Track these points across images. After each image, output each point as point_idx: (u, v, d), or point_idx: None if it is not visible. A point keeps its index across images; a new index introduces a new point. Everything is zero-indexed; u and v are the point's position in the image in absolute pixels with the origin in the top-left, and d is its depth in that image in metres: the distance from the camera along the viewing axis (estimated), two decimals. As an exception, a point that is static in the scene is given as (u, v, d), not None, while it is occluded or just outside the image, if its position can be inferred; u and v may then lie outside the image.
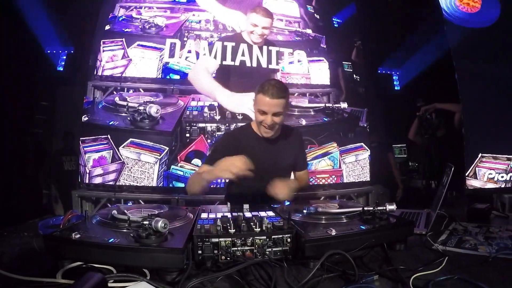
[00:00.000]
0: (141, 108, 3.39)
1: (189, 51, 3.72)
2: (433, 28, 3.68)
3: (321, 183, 3.90)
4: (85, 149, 3.46)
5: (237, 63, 3.64)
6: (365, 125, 4.03)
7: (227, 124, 3.55)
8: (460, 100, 3.39)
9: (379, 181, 4.12)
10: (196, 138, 3.51)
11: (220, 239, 1.17)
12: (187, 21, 3.84)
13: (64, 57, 3.83)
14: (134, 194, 3.45)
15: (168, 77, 3.70)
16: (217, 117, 3.54)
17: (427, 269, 1.12)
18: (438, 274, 1.09)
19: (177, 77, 3.70)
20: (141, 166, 3.46)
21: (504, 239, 1.47)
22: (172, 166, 3.52)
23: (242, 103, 3.50)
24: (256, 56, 3.67)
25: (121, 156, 3.46)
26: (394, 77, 4.62)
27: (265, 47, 3.70)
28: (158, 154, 3.47)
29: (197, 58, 3.70)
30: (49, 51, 3.74)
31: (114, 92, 3.62)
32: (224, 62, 3.65)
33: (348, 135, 3.95)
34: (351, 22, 4.23)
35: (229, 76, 3.65)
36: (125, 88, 3.64)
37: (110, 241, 1.15)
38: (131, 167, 3.46)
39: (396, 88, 4.61)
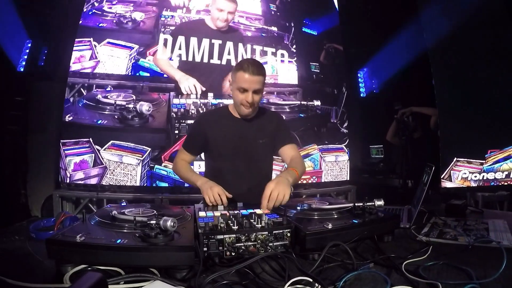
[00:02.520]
0: (130, 106, 3.42)
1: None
2: (412, 33, 3.94)
3: (302, 182, 4.08)
4: (66, 152, 3.42)
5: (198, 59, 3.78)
6: (335, 121, 4.32)
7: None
8: (437, 104, 3.65)
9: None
10: (183, 134, 3.56)
11: (225, 236, 1.27)
12: (161, 16, 3.87)
13: (46, 52, 3.77)
14: (116, 194, 3.45)
15: (137, 74, 3.72)
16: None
17: (415, 256, 1.28)
18: (425, 261, 1.24)
19: (147, 74, 3.74)
20: (124, 168, 3.48)
21: (481, 231, 1.66)
22: (156, 166, 3.57)
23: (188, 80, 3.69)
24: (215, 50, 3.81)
25: (103, 159, 3.46)
26: (372, 80, 4.87)
27: (230, 43, 3.83)
28: (140, 155, 3.50)
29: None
30: (30, 45, 3.67)
31: (82, 89, 3.60)
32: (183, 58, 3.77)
33: (321, 130, 4.24)
34: (323, 25, 4.46)
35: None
36: (94, 85, 3.62)
37: (117, 242, 1.17)
38: (113, 170, 3.47)
39: (374, 91, 4.86)
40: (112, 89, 3.63)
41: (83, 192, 3.47)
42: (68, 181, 3.45)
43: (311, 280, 1.01)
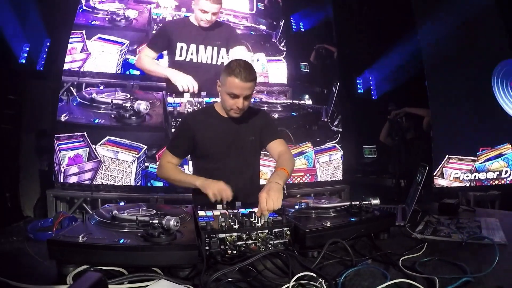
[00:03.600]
0: (128, 104, 3.45)
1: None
2: (406, 35, 4.04)
3: (296, 181, 4.14)
4: (59, 146, 3.43)
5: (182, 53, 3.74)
6: (326, 120, 4.43)
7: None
8: (429, 106, 3.75)
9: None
10: None
11: (226, 234, 1.30)
12: (152, 14, 3.89)
13: (39, 50, 3.77)
14: (111, 193, 3.47)
15: (127, 72, 3.73)
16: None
17: (411, 253, 1.34)
18: (421, 257, 1.30)
19: (137, 72, 3.75)
20: (119, 165, 3.49)
21: (473, 228, 1.73)
22: (151, 165, 3.60)
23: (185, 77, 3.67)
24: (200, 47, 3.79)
25: (98, 154, 3.47)
26: (366, 81, 4.98)
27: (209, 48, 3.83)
28: (136, 153, 3.52)
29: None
30: (22, 42, 3.67)
31: (72, 88, 3.59)
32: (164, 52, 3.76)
33: (313, 128, 4.36)
34: (314, 25, 4.56)
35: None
36: (83, 84, 3.62)
37: (121, 242, 1.18)
38: (108, 166, 3.49)
39: (368, 92, 4.97)
40: (104, 87, 3.64)
41: (77, 191, 3.47)
42: (62, 177, 3.45)
43: (314, 275, 1.06)
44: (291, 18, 4.48)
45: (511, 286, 1.06)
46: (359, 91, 4.97)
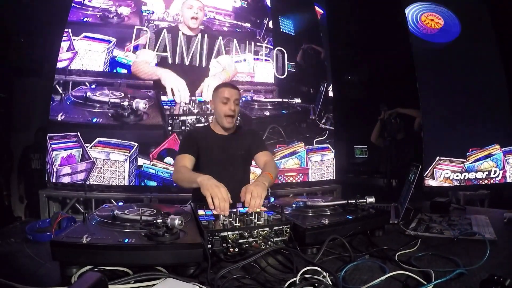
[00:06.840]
0: (125, 103, 3.49)
1: (136, 47, 3.85)
2: (398, 38, 4.15)
3: (289, 181, 4.22)
4: (53, 146, 3.44)
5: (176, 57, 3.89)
6: (314, 118, 4.59)
7: (205, 117, 3.80)
8: (420, 107, 3.86)
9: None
10: (177, 131, 3.68)
11: (228, 233, 1.35)
12: (142, 12, 3.94)
13: (32, 47, 3.76)
14: (104, 193, 3.49)
15: (114, 71, 3.77)
16: (195, 111, 3.75)
17: (406, 248, 1.42)
18: (415, 252, 1.38)
19: (124, 71, 3.80)
20: (111, 165, 3.52)
21: (464, 225, 1.82)
22: (144, 165, 3.63)
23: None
24: (193, 47, 3.97)
25: (91, 155, 3.49)
26: (357, 83, 5.09)
27: (206, 39, 4.00)
28: (128, 151, 3.56)
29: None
30: (16, 40, 3.65)
31: (57, 86, 3.61)
32: (161, 54, 3.87)
33: (302, 125, 4.54)
34: (302, 26, 4.69)
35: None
36: (70, 82, 3.64)
37: (125, 241, 1.20)
38: (101, 167, 3.50)
39: (359, 93, 5.07)
40: (95, 86, 3.65)
41: (70, 192, 3.48)
42: (54, 177, 3.46)
43: (318, 269, 1.12)
44: (278, 17, 4.58)
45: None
46: (349, 91, 5.08)
